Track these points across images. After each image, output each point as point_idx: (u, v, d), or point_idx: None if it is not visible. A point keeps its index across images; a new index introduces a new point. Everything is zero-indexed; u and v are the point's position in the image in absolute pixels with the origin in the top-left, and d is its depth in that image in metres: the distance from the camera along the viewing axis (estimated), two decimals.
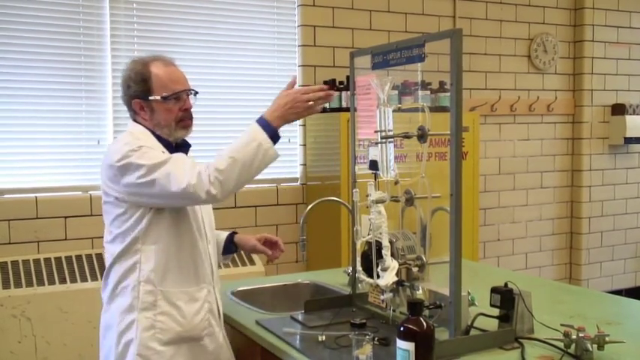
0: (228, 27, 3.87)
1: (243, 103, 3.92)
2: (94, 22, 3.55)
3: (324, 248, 3.80)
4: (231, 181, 1.71)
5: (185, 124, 1.88)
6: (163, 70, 1.86)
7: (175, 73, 1.88)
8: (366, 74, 1.89)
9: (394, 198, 1.76)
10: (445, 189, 1.58)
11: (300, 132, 4.05)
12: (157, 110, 1.85)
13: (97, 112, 3.57)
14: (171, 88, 1.85)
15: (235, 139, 1.81)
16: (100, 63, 3.55)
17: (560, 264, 5.08)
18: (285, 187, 4.03)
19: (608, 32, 5.03)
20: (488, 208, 4.72)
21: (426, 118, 1.71)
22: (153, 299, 1.76)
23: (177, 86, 1.86)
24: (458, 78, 1.55)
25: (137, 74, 1.85)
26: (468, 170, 3.90)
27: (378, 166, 1.75)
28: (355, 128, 1.98)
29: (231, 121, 3.90)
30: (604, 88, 5.04)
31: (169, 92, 1.84)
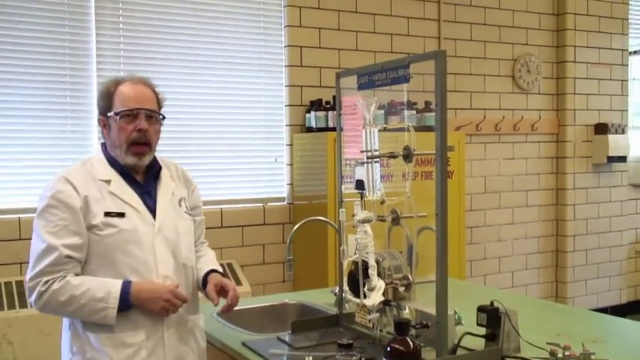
0: (215, 47, 3.88)
1: (230, 123, 3.93)
2: (80, 42, 3.55)
3: (310, 268, 3.78)
4: (54, 310, 1.68)
5: (136, 150, 1.79)
6: (130, 87, 1.80)
7: (140, 92, 1.80)
8: (352, 94, 1.90)
9: (380, 217, 1.76)
10: (431, 208, 1.58)
11: (286, 151, 4.06)
12: (112, 127, 1.79)
13: (83, 132, 3.55)
14: (129, 105, 1.77)
15: (96, 281, 1.68)
16: (85, 83, 3.54)
17: (546, 282, 5.10)
18: (271, 206, 4.02)
19: (590, 53, 5.11)
20: (475, 226, 4.74)
21: (412, 138, 1.72)
22: (80, 343, 1.72)
23: (134, 104, 1.78)
24: (443, 98, 1.56)
25: (105, 90, 1.81)
26: (453, 189, 3.91)
27: (364, 186, 1.75)
28: (342, 148, 1.99)
29: (218, 140, 3.89)
30: (587, 108, 5.11)
31: (124, 108, 1.77)
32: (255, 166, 4.03)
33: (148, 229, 1.78)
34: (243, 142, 3.98)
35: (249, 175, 4.00)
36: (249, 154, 4.00)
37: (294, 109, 4.04)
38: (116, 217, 1.74)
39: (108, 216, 1.73)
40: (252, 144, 4.01)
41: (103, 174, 1.79)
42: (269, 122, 4.06)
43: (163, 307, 1.71)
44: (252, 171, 4.01)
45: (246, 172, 4.00)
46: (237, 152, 3.97)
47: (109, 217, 1.73)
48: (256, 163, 4.03)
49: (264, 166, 4.05)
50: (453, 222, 3.77)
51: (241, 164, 3.98)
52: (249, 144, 4.00)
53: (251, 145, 4.00)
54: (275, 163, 4.05)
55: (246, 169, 4.00)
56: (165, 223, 1.81)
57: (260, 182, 4.04)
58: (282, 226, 4.02)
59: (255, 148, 4.03)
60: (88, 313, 1.67)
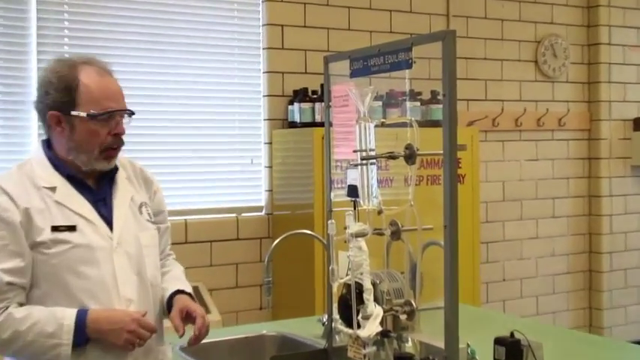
0: (179, 27, 3.87)
1: (196, 117, 3.92)
2: (17, 20, 3.52)
3: (293, 292, 3.78)
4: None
5: (109, 154, 1.82)
6: (96, 80, 1.79)
7: (111, 86, 1.82)
8: (344, 82, 1.90)
9: (377, 231, 1.76)
10: (438, 219, 1.58)
11: (264, 151, 4.05)
12: (78, 130, 1.79)
13: (18, 128, 3.52)
14: (103, 105, 1.78)
15: (45, 312, 1.68)
16: (23, 68, 3.51)
17: (577, 309, 5.12)
18: (246, 217, 4.02)
19: (627, 34, 5.15)
20: (491, 241, 4.76)
21: (415, 135, 1.72)
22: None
23: (110, 103, 1.79)
24: (451, 87, 1.56)
25: (61, 80, 1.78)
26: (465, 197, 3.93)
27: (358, 193, 1.75)
28: (331, 147, 1.99)
29: (181, 138, 3.88)
30: (624, 99, 5.15)
31: (99, 110, 1.78)
32: (227, 169, 4.02)
33: (105, 244, 1.77)
34: (211, 139, 3.97)
35: (219, 180, 3.99)
36: (220, 155, 3.99)
37: (274, 100, 4.04)
38: (66, 231, 1.73)
39: (56, 231, 1.72)
40: (222, 142, 4.00)
41: (45, 180, 1.78)
42: (243, 116, 4.06)
43: (127, 340, 1.69)
44: (222, 174, 4.00)
45: (215, 175, 3.99)
46: (205, 152, 3.96)
47: (58, 232, 1.72)
48: (228, 165, 4.02)
49: (238, 169, 4.05)
50: (464, 236, 3.78)
51: (210, 166, 3.97)
52: (219, 142, 3.99)
53: (221, 143, 4.00)
54: (251, 165, 4.05)
55: (216, 173, 3.99)
56: (125, 236, 1.82)
57: (233, 188, 4.04)
58: (260, 241, 4.01)
59: (227, 147, 4.02)
60: (37, 352, 1.66)
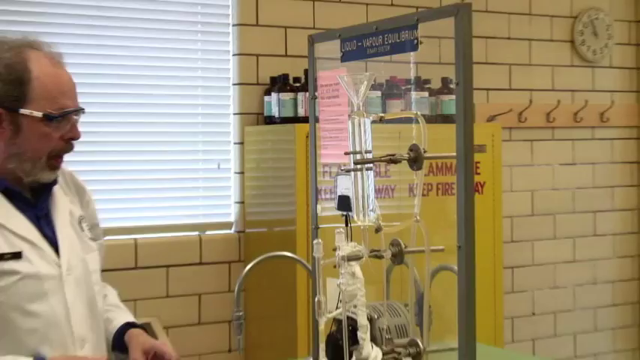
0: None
1: (149, 110, 3.90)
2: None
3: (271, 329, 3.78)
4: None
5: (57, 163, 1.89)
6: (51, 72, 1.85)
7: (66, 80, 1.88)
8: (333, 68, 1.91)
9: (375, 252, 1.77)
10: (451, 238, 1.59)
11: (234, 153, 4.06)
12: (26, 132, 1.83)
13: None
14: (60, 103, 1.84)
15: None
16: None
17: (625, 350, 5.13)
18: (212, 236, 4.02)
19: None
20: (517, 266, 4.77)
21: (422, 133, 1.73)
22: None
23: (67, 101, 1.86)
24: (467, 74, 1.57)
25: (9, 69, 1.82)
26: (485, 210, 3.95)
27: (350, 205, 1.76)
28: (317, 148, 2.00)
29: (129, 137, 3.86)
30: None
31: (55, 109, 1.83)
32: (187, 176, 4.01)
33: (54, 272, 1.83)
34: (167, 139, 3.96)
35: (177, 190, 3.98)
36: (178, 158, 3.99)
37: (247, 89, 4.05)
38: (11, 259, 1.77)
39: (1, 260, 1.75)
40: (181, 142, 4.00)
41: None
42: (208, 109, 4.05)
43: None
44: (181, 183, 3.99)
45: (172, 184, 3.98)
46: (159, 155, 3.95)
47: (2, 260, 1.75)
48: (189, 171, 4.02)
49: (201, 176, 4.05)
50: (484, 259, 3.79)
51: (165, 173, 3.96)
52: (177, 142, 3.99)
53: (180, 144, 4.00)
54: (217, 170, 4.05)
55: (173, 181, 3.98)
56: (74, 261, 1.88)
57: (194, 200, 4.04)
58: (229, 265, 4.01)
59: (187, 148, 4.02)
60: None
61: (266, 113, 3.95)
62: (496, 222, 4.06)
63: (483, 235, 3.73)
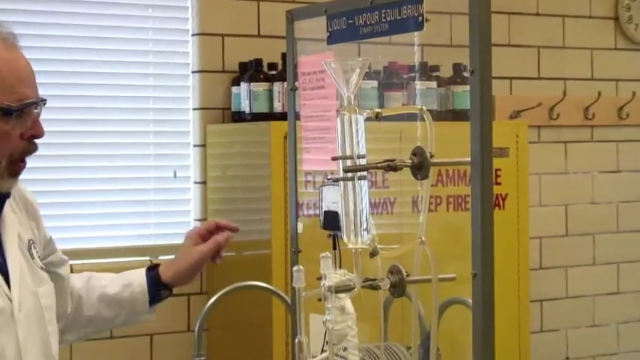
0: None
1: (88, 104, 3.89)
2: None
3: None
4: None
5: (17, 168, 1.93)
6: (5, 57, 1.88)
7: (24, 66, 1.92)
8: (318, 52, 1.92)
9: (370, 282, 1.77)
10: (465, 265, 1.59)
11: (194, 157, 4.06)
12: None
13: None
14: (19, 93, 1.88)
15: None
16: None
17: None
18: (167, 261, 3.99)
19: None
20: (548, 299, 4.78)
21: (429, 133, 1.73)
22: None
23: (26, 90, 1.90)
24: (484, 59, 1.57)
25: None
26: (508, 229, 3.96)
27: (339, 223, 1.76)
28: (297, 152, 2.00)
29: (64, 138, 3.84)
30: None
31: (14, 100, 1.86)
32: (135, 187, 4.00)
33: (5, 306, 1.88)
34: (111, 140, 3.95)
35: (123, 205, 3.98)
36: (123, 165, 3.99)
37: (210, 78, 4.06)
38: None
39: None
40: (128, 145, 4.00)
41: None
42: (162, 103, 4.05)
43: None
44: (128, 195, 3.99)
45: (117, 197, 3.97)
46: (101, 161, 3.94)
47: None
48: (137, 180, 4.01)
49: (153, 187, 4.05)
50: (506, 290, 3.79)
51: (107, 183, 3.95)
52: (123, 145, 3.98)
53: (127, 146, 3.99)
54: (173, 180, 4.05)
55: (118, 193, 3.97)
56: (25, 293, 1.93)
57: (144, 216, 4.04)
58: (187, 299, 4.00)
59: (135, 152, 4.01)
60: None
61: (234, 108, 3.95)
62: (521, 244, 4.07)
63: (505, 260, 3.73)
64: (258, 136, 3.74)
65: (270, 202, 3.64)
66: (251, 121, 3.83)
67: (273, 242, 3.62)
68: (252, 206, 3.81)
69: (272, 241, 3.62)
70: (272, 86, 3.83)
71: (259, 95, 3.83)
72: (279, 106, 3.79)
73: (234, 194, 3.92)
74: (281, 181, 3.57)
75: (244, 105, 3.86)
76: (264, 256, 3.66)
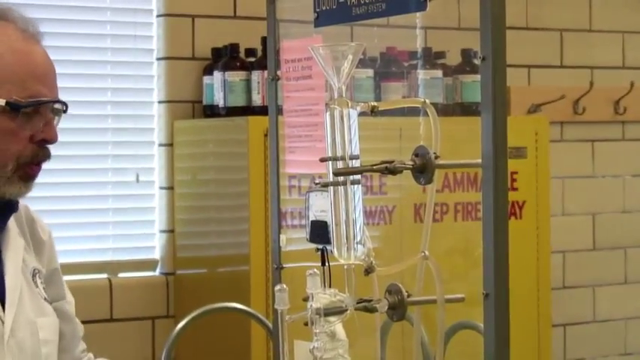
0: None
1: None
2: None
3: None
4: None
5: (30, 172, 1.96)
6: (20, 49, 1.93)
7: (41, 61, 1.98)
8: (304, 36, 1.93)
9: (364, 304, 1.77)
10: (475, 284, 1.60)
11: (160, 160, 4.08)
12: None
13: None
14: (31, 89, 1.92)
15: None
16: None
17: None
18: (127, 280, 4.03)
19: None
20: (572, 323, 4.79)
21: (433, 130, 1.74)
22: None
23: (40, 88, 1.94)
24: (497, 44, 1.58)
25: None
26: (526, 242, 3.98)
27: (328, 236, 1.77)
28: (280, 152, 2.00)
29: None
30: None
31: (24, 96, 1.90)
32: (91, 192, 4.00)
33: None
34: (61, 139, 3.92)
35: (76, 213, 3.98)
36: (77, 167, 3.99)
37: (178, 66, 4.07)
38: None
39: None
40: (83, 144, 4.01)
41: None
42: (122, 96, 4.06)
43: None
44: (82, 203, 3.99)
45: (69, 205, 3.97)
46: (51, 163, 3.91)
47: None
48: (93, 185, 4.01)
49: (112, 193, 4.05)
50: (523, 313, 3.80)
51: (59, 189, 3.95)
52: (77, 144, 3.98)
53: (81, 146, 4.00)
54: (135, 184, 4.06)
55: (71, 200, 3.97)
56: (22, 321, 1.95)
57: (102, 228, 4.05)
58: (152, 323, 4.01)
59: (91, 152, 4.01)
60: None
61: (206, 101, 3.96)
62: (541, 259, 4.09)
63: (522, 277, 3.73)
64: (234, 134, 3.74)
65: (248, 211, 3.65)
66: (226, 116, 3.84)
67: (252, 257, 3.63)
68: (227, 215, 3.82)
69: (250, 256, 3.63)
70: (250, 76, 3.83)
71: (235, 86, 3.84)
72: (259, 99, 3.80)
73: (207, 201, 3.93)
74: (261, 186, 3.58)
75: (218, 97, 3.86)
76: (242, 274, 3.66)
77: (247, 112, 3.77)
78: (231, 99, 3.83)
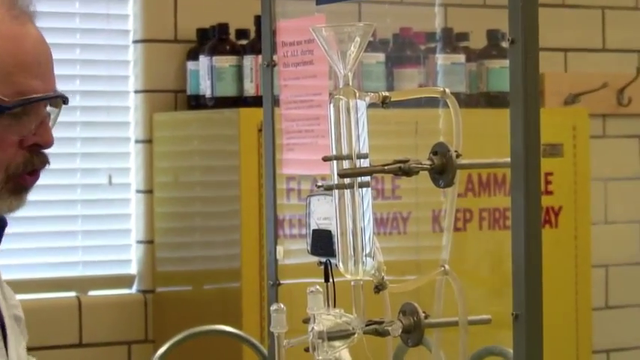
0: None
1: None
2: None
3: None
4: None
5: (22, 183, 1.93)
6: (9, 33, 1.85)
7: (33, 48, 1.89)
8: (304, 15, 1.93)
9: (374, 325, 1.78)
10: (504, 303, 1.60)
11: (136, 157, 4.09)
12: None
13: None
14: (19, 83, 1.84)
15: None
16: None
17: None
18: (100, 299, 4.05)
19: None
20: (617, 348, 4.79)
21: (454, 125, 1.75)
22: None
23: (31, 81, 1.86)
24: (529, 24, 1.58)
25: None
26: (562, 254, 3.98)
27: (332, 247, 1.77)
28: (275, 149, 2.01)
29: None
30: None
31: (13, 94, 1.82)
32: (58, 197, 4.01)
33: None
34: None
35: (41, 221, 3.99)
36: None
37: (158, 49, 4.08)
38: None
39: None
40: None
41: None
42: (93, 84, 4.07)
43: None
44: (48, 209, 4.00)
45: (32, 212, 3.97)
46: None
47: None
48: (59, 189, 4.01)
49: (80, 198, 4.06)
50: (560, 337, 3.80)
51: None
52: None
53: None
54: (108, 187, 4.07)
55: (34, 206, 3.96)
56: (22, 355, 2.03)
57: (70, 238, 4.07)
58: (128, 348, 4.02)
59: (57, 150, 3.97)
60: None
61: (190, 91, 3.97)
62: (580, 275, 4.09)
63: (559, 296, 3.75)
64: (224, 129, 3.75)
65: (239, 218, 3.65)
66: (213, 108, 3.85)
67: (244, 272, 3.63)
68: (215, 223, 3.82)
69: (242, 270, 3.64)
70: (242, 61, 3.84)
71: (224, 73, 3.84)
72: (252, 88, 3.80)
73: (191, 207, 3.94)
74: (254, 189, 3.59)
75: (204, 86, 3.87)
76: (232, 291, 3.67)
77: (238, 104, 3.78)
78: (220, 88, 3.84)
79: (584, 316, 4.09)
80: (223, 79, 3.84)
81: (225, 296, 3.72)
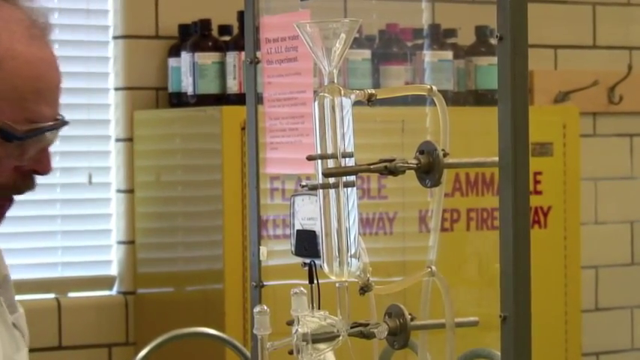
0: None
1: None
2: None
3: None
4: None
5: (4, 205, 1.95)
6: (27, 53, 1.81)
7: (47, 71, 1.85)
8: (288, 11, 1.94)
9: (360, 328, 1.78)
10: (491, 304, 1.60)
11: (116, 156, 4.10)
12: None
13: None
14: (31, 110, 1.81)
15: None
16: None
17: None
18: (79, 300, 4.05)
19: None
20: (606, 351, 4.79)
21: (442, 123, 1.75)
22: None
23: (42, 108, 1.83)
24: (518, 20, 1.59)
25: None
26: (552, 255, 3.98)
27: (317, 247, 1.77)
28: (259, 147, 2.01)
29: None
30: None
31: (24, 121, 1.80)
32: (35, 197, 3.99)
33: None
34: None
35: (18, 222, 3.97)
36: None
37: (139, 45, 4.09)
38: None
39: None
40: None
41: None
42: (71, 81, 4.04)
43: None
44: (26, 209, 3.99)
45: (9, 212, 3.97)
46: None
47: None
48: (38, 188, 3.97)
49: (60, 197, 4.07)
50: (548, 339, 3.81)
51: None
52: None
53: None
54: (88, 187, 4.07)
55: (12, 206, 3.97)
56: None
57: (48, 239, 4.08)
58: (108, 351, 4.02)
59: None
60: None
61: (172, 88, 3.98)
62: (569, 276, 4.10)
63: (547, 297, 3.75)
64: (206, 127, 3.75)
65: (221, 219, 3.65)
66: (195, 106, 3.85)
67: (227, 273, 3.63)
68: (197, 223, 3.82)
69: (225, 271, 3.64)
70: (224, 57, 3.85)
71: (207, 70, 3.84)
72: (235, 86, 3.81)
73: (173, 207, 3.94)
74: (237, 189, 3.59)
75: (186, 83, 3.87)
76: (214, 293, 3.67)
77: (221, 101, 3.78)
78: (202, 85, 3.84)
79: (573, 317, 4.10)
80: (205, 76, 3.84)
81: (207, 298, 3.72)
